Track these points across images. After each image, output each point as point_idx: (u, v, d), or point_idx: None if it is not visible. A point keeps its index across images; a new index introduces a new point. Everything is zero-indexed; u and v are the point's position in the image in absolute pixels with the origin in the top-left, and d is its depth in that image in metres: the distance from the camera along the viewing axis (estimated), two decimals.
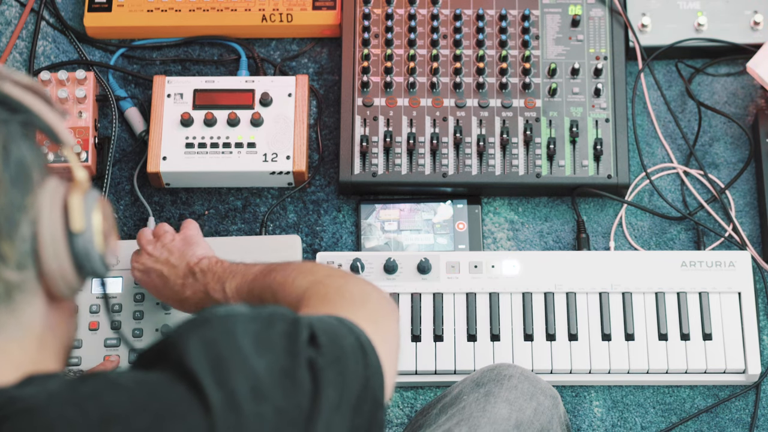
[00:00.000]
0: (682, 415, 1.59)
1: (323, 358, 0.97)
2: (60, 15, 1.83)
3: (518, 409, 1.34)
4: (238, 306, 1.01)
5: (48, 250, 0.91)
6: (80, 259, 0.93)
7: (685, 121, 1.77)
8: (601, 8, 1.76)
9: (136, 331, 1.57)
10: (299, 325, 0.99)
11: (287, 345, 0.97)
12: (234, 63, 1.81)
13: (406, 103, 1.71)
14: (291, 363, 0.95)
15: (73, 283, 0.94)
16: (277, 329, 0.98)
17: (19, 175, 0.89)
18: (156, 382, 0.91)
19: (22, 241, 0.89)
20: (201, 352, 0.92)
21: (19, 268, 0.90)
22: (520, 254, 1.63)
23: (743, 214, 1.71)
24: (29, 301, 0.92)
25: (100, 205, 0.96)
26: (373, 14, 1.76)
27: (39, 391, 0.88)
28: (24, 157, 0.90)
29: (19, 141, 0.90)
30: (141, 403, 0.89)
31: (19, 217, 0.89)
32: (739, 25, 1.77)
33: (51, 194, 0.92)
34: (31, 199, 0.90)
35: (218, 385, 0.90)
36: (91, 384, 0.90)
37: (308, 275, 1.24)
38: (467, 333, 1.59)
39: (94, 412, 0.88)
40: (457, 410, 1.35)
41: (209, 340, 0.94)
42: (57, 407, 0.87)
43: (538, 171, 1.67)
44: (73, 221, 0.92)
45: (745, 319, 1.59)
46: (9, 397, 0.87)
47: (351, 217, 1.71)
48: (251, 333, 0.96)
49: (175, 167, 1.67)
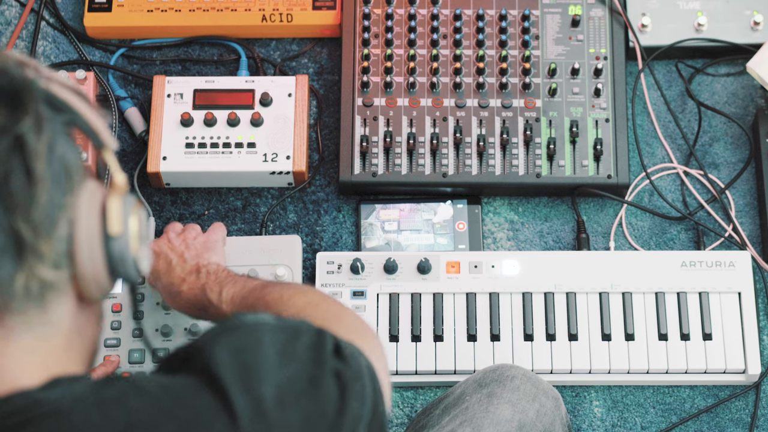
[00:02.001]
0: (682, 415, 1.59)
1: (350, 371, 0.98)
2: (60, 15, 1.83)
3: (521, 410, 1.34)
4: (265, 315, 1.02)
5: (84, 251, 0.91)
6: (115, 263, 0.94)
7: (685, 121, 1.77)
8: (601, 8, 1.76)
9: (136, 331, 1.57)
10: (325, 337, 1.00)
11: (313, 355, 0.97)
12: (234, 63, 1.81)
13: (406, 103, 1.71)
14: (317, 372, 0.96)
15: (104, 285, 0.94)
16: (303, 340, 0.99)
17: (62, 175, 0.89)
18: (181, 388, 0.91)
19: (60, 240, 0.89)
20: (228, 359, 0.93)
21: (55, 268, 0.90)
22: (520, 254, 1.63)
23: (743, 214, 1.71)
24: (60, 302, 0.92)
25: (136, 210, 0.96)
26: (373, 14, 1.76)
27: (64, 394, 0.88)
28: (67, 156, 0.90)
29: (63, 140, 0.90)
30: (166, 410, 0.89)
31: (58, 217, 0.89)
32: (739, 25, 1.77)
33: (90, 196, 0.92)
34: (70, 199, 0.90)
35: (245, 392, 0.91)
36: (116, 389, 0.91)
37: (304, 296, 1.25)
38: (467, 333, 1.59)
39: (119, 418, 0.88)
40: (460, 411, 1.35)
41: (237, 347, 0.94)
42: (82, 412, 0.87)
43: (538, 171, 1.67)
44: (110, 224, 0.93)
45: (745, 319, 1.59)
46: (34, 399, 0.88)
47: (351, 217, 1.71)
48: (278, 342, 0.97)
49: (175, 167, 1.67)
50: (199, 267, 1.43)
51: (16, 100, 0.88)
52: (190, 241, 1.49)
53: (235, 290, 1.35)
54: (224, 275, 1.40)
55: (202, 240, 1.50)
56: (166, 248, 1.48)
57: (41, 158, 0.87)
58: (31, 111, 0.88)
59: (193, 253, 1.47)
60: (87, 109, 0.94)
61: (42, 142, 0.87)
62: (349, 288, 1.60)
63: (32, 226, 0.86)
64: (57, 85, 0.92)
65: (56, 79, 0.93)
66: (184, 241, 1.49)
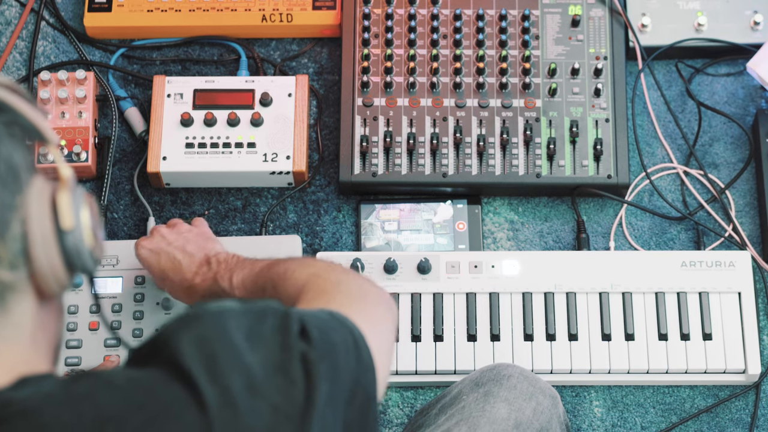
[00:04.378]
0: (682, 415, 1.59)
1: (315, 352, 0.97)
2: (60, 15, 1.83)
3: (517, 409, 1.34)
4: (228, 301, 1.01)
5: (39, 248, 0.91)
6: (71, 256, 0.93)
7: (685, 121, 1.77)
8: (601, 8, 1.76)
9: (136, 331, 1.57)
10: (290, 319, 0.99)
11: (279, 339, 0.97)
12: (234, 63, 1.81)
13: (406, 103, 1.71)
14: (284, 357, 0.95)
15: (63, 280, 0.94)
16: (268, 323, 0.98)
17: (8, 175, 0.89)
18: (149, 381, 0.91)
19: (14, 240, 0.89)
20: (194, 349, 0.92)
21: (12, 269, 0.90)
22: (520, 254, 1.63)
23: (743, 214, 1.71)
24: (21, 301, 0.92)
25: (87, 201, 0.96)
26: (373, 14, 1.76)
27: (33, 392, 0.88)
28: (12, 156, 0.90)
29: (6, 141, 0.90)
30: (135, 403, 0.89)
31: (10, 217, 0.89)
32: (739, 25, 1.77)
33: (39, 193, 0.92)
34: (20, 198, 0.90)
35: (212, 381, 0.90)
36: (84, 384, 0.91)
37: (308, 268, 1.25)
38: (467, 333, 1.59)
39: (89, 413, 0.88)
40: (457, 410, 1.35)
41: (201, 336, 0.94)
42: (52, 409, 0.87)
43: (538, 171, 1.67)
44: (62, 219, 0.92)
45: (745, 319, 1.59)
46: (4, 399, 0.87)
47: (351, 217, 1.71)
48: (243, 328, 0.96)
49: (175, 167, 1.67)
50: (209, 258, 1.43)
51: None
52: (186, 234, 1.48)
53: (245, 274, 1.35)
54: (234, 261, 1.40)
55: (197, 232, 1.50)
56: (164, 245, 1.47)
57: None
58: None
59: (194, 245, 1.46)
60: (26, 106, 0.93)
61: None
62: None
63: None
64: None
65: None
66: (180, 235, 1.48)
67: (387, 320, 1.15)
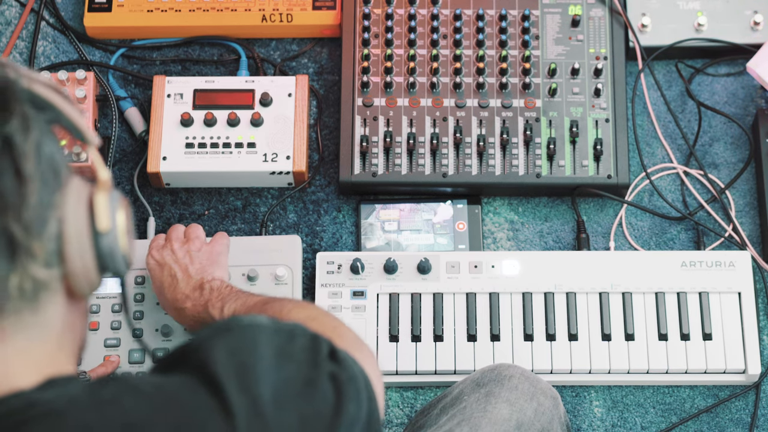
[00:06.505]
0: (682, 415, 1.59)
1: (344, 373, 0.98)
2: (60, 15, 1.83)
3: (519, 409, 1.34)
4: (260, 317, 1.02)
5: (74, 248, 0.91)
6: (104, 259, 0.94)
7: (685, 121, 1.77)
8: (601, 8, 1.76)
9: (136, 331, 1.57)
10: (319, 341, 1.00)
11: (309, 357, 0.98)
12: (234, 63, 1.81)
13: (406, 103, 1.71)
14: (314, 373, 0.96)
15: (94, 281, 0.95)
16: (298, 343, 0.99)
17: (50, 174, 0.89)
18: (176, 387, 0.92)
19: (50, 239, 0.89)
20: (225, 358, 0.93)
21: (47, 267, 0.90)
22: (520, 254, 1.63)
23: (743, 214, 1.71)
24: (52, 300, 0.92)
25: (123, 204, 0.96)
26: (373, 14, 1.76)
27: (59, 394, 0.89)
28: (54, 155, 0.90)
29: (48, 139, 0.90)
30: (161, 409, 0.89)
31: (48, 216, 0.89)
32: (739, 25, 1.77)
33: (76, 194, 0.92)
34: (59, 197, 0.90)
35: (242, 391, 0.91)
36: (111, 388, 0.91)
37: (306, 310, 1.26)
38: (467, 333, 1.59)
39: (114, 418, 0.88)
40: (458, 410, 1.35)
41: (233, 347, 0.94)
42: (77, 412, 0.87)
43: (538, 171, 1.67)
44: (99, 220, 0.93)
45: (745, 319, 1.59)
46: (30, 400, 0.88)
47: (351, 217, 1.71)
48: (274, 345, 0.97)
49: (175, 167, 1.67)
50: (203, 283, 1.43)
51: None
52: (194, 254, 1.48)
53: (236, 306, 1.36)
54: (227, 291, 1.40)
55: (207, 252, 1.50)
56: (171, 260, 1.48)
57: (30, 158, 0.87)
58: (16, 111, 0.88)
59: (197, 267, 1.46)
60: (69, 106, 0.94)
61: (30, 142, 0.87)
62: (349, 288, 1.60)
63: (24, 226, 0.86)
64: (38, 84, 0.92)
65: (36, 78, 0.93)
66: (188, 253, 1.48)
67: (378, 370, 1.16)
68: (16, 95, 0.89)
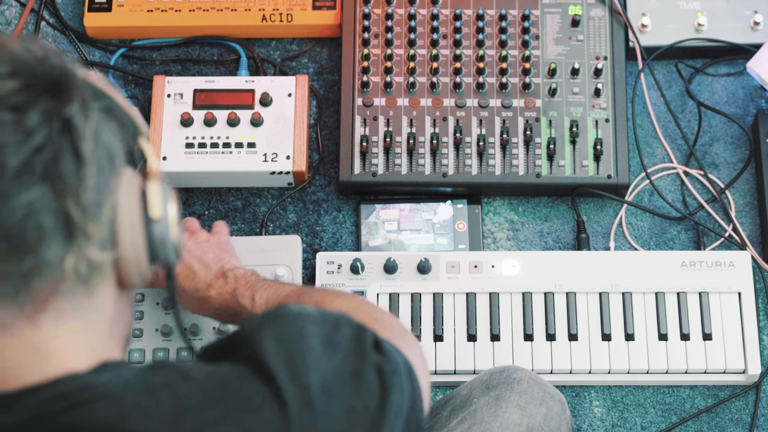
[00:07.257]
0: (682, 415, 1.59)
1: (389, 365, 0.99)
2: (60, 15, 1.83)
3: (529, 414, 1.35)
4: (308, 307, 1.03)
5: (126, 235, 0.92)
6: (155, 247, 0.95)
7: (685, 121, 1.77)
8: (601, 8, 1.76)
9: (136, 331, 1.57)
10: (365, 332, 1.01)
11: (355, 348, 0.99)
12: (234, 63, 1.81)
13: (406, 103, 1.71)
14: (359, 364, 0.97)
15: (144, 270, 0.95)
16: (344, 333, 1.00)
17: (106, 158, 0.90)
18: (228, 375, 0.93)
19: (104, 224, 0.90)
20: (275, 347, 0.94)
21: (101, 249, 0.90)
22: (520, 254, 1.63)
23: (743, 214, 1.71)
24: (104, 285, 0.93)
25: (173, 196, 0.97)
26: (373, 14, 1.76)
27: (113, 378, 0.90)
28: (110, 141, 0.91)
29: (106, 126, 0.91)
30: (214, 395, 0.90)
31: (103, 201, 0.90)
32: (739, 25, 1.77)
33: (129, 181, 0.93)
34: (114, 183, 0.91)
35: (292, 380, 0.92)
36: (162, 374, 0.92)
37: (348, 301, 1.26)
38: (467, 333, 1.59)
39: (168, 402, 0.89)
40: (469, 414, 1.35)
41: (281, 336, 0.96)
42: (132, 396, 0.89)
43: (538, 171, 1.67)
44: (151, 209, 0.94)
45: (745, 319, 1.59)
46: (84, 383, 0.89)
47: (351, 217, 1.71)
48: (321, 334, 0.98)
49: (175, 167, 1.67)
50: (225, 272, 1.42)
51: (60, 86, 0.89)
52: (205, 245, 1.48)
53: (269, 294, 1.36)
54: (254, 279, 1.40)
55: (215, 242, 1.49)
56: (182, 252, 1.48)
57: (89, 141, 0.88)
58: (76, 96, 0.89)
59: (212, 256, 1.46)
60: (121, 97, 0.96)
61: (89, 126, 0.89)
62: (349, 288, 1.60)
63: (81, 207, 0.87)
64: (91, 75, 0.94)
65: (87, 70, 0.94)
66: (198, 244, 1.48)
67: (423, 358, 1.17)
68: (76, 81, 0.90)
